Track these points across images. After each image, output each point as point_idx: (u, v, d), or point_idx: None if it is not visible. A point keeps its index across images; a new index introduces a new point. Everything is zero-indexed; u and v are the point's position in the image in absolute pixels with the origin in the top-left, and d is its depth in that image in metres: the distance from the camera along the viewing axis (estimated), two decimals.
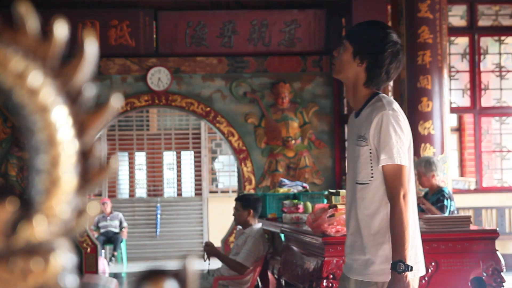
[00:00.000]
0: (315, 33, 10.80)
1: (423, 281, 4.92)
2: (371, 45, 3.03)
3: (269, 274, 6.51)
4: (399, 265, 2.86)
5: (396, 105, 3.06)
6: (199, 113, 10.79)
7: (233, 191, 13.43)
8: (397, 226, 2.90)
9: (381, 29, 3.09)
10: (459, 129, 12.13)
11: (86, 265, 10.04)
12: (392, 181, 2.93)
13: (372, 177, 2.98)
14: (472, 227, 5.42)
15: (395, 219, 2.91)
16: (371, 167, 2.98)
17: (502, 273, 4.90)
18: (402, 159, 2.94)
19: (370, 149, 2.98)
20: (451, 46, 11.08)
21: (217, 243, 9.88)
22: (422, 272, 3.06)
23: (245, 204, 6.38)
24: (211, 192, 14.01)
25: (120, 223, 12.44)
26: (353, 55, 3.03)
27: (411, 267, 2.88)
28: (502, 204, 10.97)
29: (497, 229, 5.15)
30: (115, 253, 12.14)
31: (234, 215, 6.51)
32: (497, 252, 4.96)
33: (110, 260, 12.13)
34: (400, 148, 2.94)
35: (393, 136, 2.94)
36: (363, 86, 3.06)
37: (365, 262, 2.98)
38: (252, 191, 10.47)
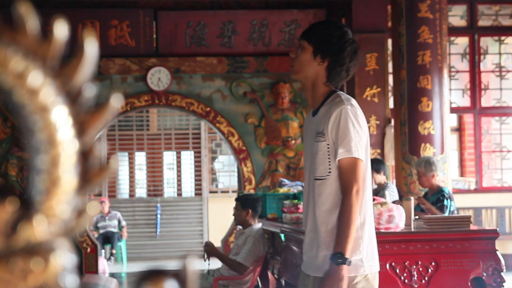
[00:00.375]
0: None
1: (423, 281, 4.92)
2: (331, 44, 3.06)
3: (269, 274, 6.51)
4: (338, 257, 2.88)
5: (354, 101, 3.08)
6: (199, 113, 10.79)
7: (233, 191, 13.43)
8: (344, 219, 2.91)
9: (338, 28, 3.14)
10: (459, 129, 12.13)
11: (86, 265, 10.04)
12: (347, 175, 2.95)
13: (329, 172, 3.00)
14: (472, 227, 5.42)
15: (343, 212, 2.92)
16: (329, 162, 3.00)
17: (502, 273, 4.90)
18: (359, 153, 2.96)
19: (328, 144, 3.00)
20: (451, 46, 11.08)
21: (217, 243, 9.88)
22: (377, 268, 3.06)
23: (244, 204, 6.38)
24: (211, 192, 14.01)
25: (119, 222, 12.43)
26: (314, 54, 3.06)
27: (350, 261, 2.90)
28: (502, 204, 10.97)
29: (497, 229, 5.15)
30: (114, 251, 12.12)
31: (234, 215, 6.51)
32: (497, 252, 4.96)
33: (109, 259, 12.12)
34: (358, 142, 2.96)
35: (351, 130, 2.96)
36: (323, 84, 3.08)
37: (323, 258, 2.99)
38: (252, 191, 10.47)
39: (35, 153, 0.84)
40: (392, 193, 7.62)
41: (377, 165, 8.07)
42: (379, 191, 7.62)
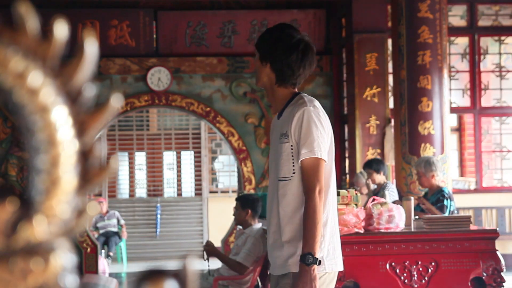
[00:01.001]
0: (315, 33, 10.79)
1: (423, 281, 4.92)
2: (267, 46, 3.12)
3: (269, 274, 6.50)
4: (307, 257, 2.90)
5: (317, 103, 3.11)
6: (199, 113, 10.79)
7: (233, 191, 13.43)
8: (309, 219, 2.93)
9: (278, 29, 3.18)
10: (459, 129, 12.13)
11: (86, 265, 10.04)
12: (309, 175, 2.97)
13: (293, 173, 3.02)
14: (472, 227, 5.42)
15: (308, 213, 2.95)
16: (293, 163, 3.02)
17: (502, 273, 4.90)
18: (322, 153, 2.98)
19: (292, 145, 3.02)
20: (451, 46, 11.08)
21: (217, 243, 9.88)
22: (340, 268, 3.09)
23: (244, 203, 6.38)
24: (211, 192, 14.01)
25: (118, 221, 12.43)
26: (260, 60, 3.14)
27: (319, 260, 2.93)
28: (502, 204, 10.97)
29: (497, 229, 5.15)
30: (110, 254, 12.08)
31: (234, 215, 6.52)
32: (497, 252, 4.96)
33: (107, 257, 12.10)
34: (321, 143, 2.99)
35: (314, 130, 2.98)
36: (277, 86, 3.12)
37: (286, 257, 3.02)
38: (252, 191, 10.47)
39: (35, 153, 0.84)
40: (392, 193, 7.63)
41: (376, 165, 8.07)
42: (378, 191, 7.62)
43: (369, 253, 4.94)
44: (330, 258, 3.01)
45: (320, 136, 2.99)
